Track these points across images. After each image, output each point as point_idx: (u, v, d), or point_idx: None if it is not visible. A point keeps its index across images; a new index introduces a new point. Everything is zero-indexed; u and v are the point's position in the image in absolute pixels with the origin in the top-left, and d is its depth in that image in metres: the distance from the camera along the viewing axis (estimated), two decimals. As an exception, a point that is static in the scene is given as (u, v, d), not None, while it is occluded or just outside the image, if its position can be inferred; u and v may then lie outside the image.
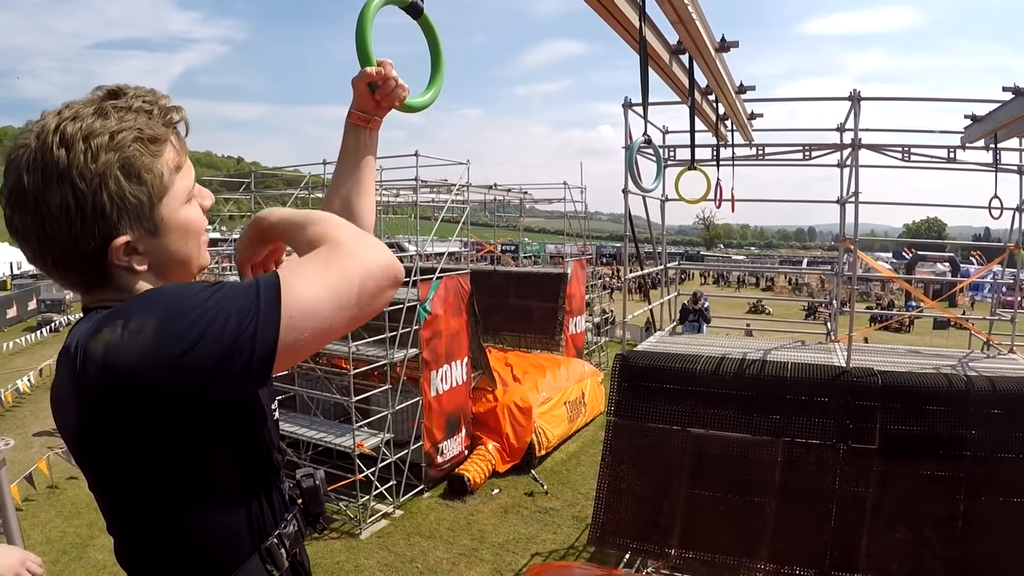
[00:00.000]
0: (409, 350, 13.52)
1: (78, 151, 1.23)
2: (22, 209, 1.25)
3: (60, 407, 1.30)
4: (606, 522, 8.70)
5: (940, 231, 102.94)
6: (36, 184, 1.22)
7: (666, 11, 4.37)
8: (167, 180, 1.36)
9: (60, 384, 1.27)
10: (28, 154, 1.24)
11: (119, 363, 1.14)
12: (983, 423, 7.61)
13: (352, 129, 1.82)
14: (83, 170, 1.23)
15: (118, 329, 1.16)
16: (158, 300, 1.21)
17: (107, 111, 1.29)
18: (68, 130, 1.25)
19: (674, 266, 13.76)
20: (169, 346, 1.14)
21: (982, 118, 9.52)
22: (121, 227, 1.29)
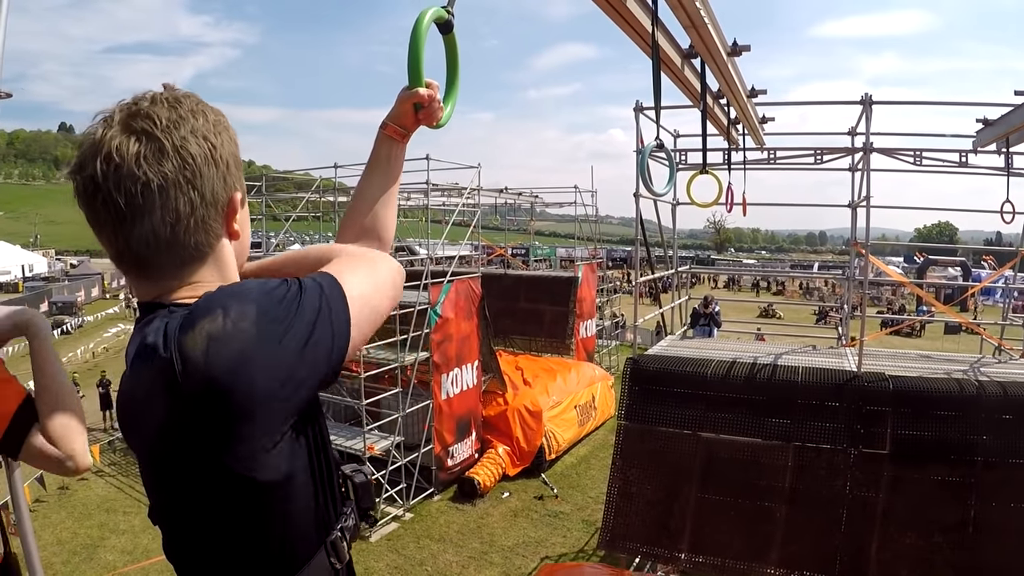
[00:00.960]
0: (420, 353, 13.54)
1: (202, 113, 1.32)
2: (157, 160, 1.23)
3: (139, 407, 1.27)
4: (616, 526, 8.70)
5: (951, 235, 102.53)
6: (174, 138, 1.24)
7: (678, 15, 4.37)
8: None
9: (142, 384, 1.24)
10: (152, 119, 1.25)
11: (225, 354, 1.13)
12: (994, 428, 7.58)
13: (386, 141, 1.83)
14: (209, 129, 1.30)
15: (219, 319, 1.15)
16: (247, 291, 1.22)
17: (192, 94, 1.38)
18: (183, 101, 1.31)
19: (685, 270, 13.75)
20: (281, 337, 1.17)
21: (994, 122, 9.49)
22: (237, 183, 1.36)
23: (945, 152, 10.45)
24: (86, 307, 40.81)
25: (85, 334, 32.32)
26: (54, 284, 45.31)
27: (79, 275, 53.98)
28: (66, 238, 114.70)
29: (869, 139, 9.10)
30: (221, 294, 1.20)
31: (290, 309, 1.19)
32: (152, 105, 1.27)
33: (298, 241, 59.85)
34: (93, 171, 1.23)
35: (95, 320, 35.67)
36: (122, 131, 1.23)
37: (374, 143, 1.84)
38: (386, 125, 1.82)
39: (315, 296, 1.23)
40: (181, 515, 1.33)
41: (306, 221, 27.29)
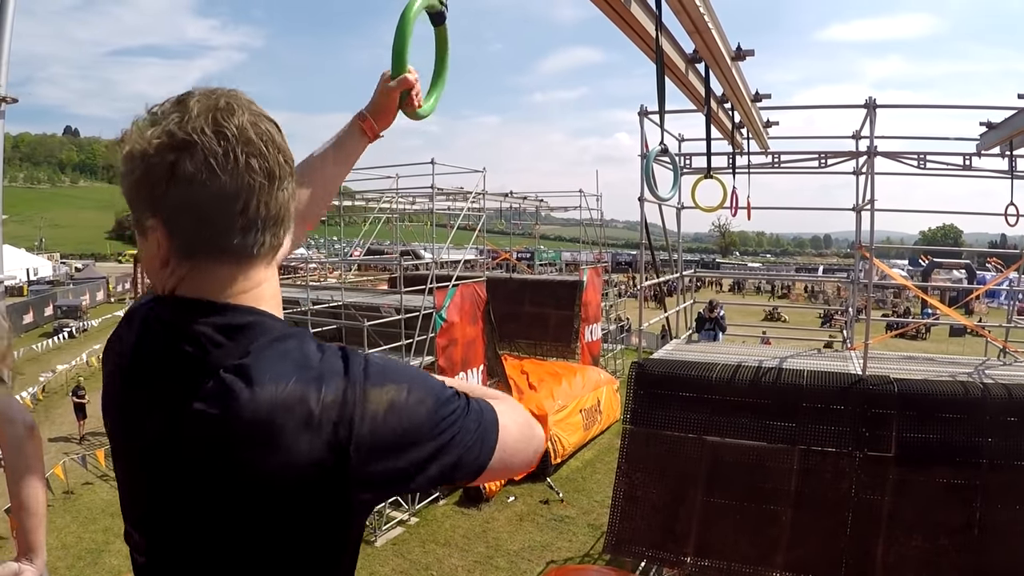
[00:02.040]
0: (425, 357, 13.55)
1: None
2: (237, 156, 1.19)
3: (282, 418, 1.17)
4: (622, 530, 8.71)
5: (956, 238, 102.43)
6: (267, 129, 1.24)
7: (682, 21, 4.40)
8: None
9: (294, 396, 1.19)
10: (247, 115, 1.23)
11: (397, 424, 1.21)
12: (1000, 431, 7.58)
13: (358, 137, 1.85)
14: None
15: (404, 392, 1.23)
16: (419, 375, 1.30)
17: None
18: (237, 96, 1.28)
19: (690, 274, 13.76)
20: (432, 432, 1.24)
21: (998, 125, 9.50)
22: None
23: (949, 155, 10.45)
24: (91, 311, 40.70)
25: (90, 338, 32.33)
26: (59, 288, 45.23)
27: (84, 279, 53.92)
28: (71, 242, 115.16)
29: (873, 143, 9.12)
30: (388, 366, 1.29)
31: (456, 420, 1.28)
32: (232, 97, 1.27)
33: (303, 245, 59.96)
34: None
35: (100, 324, 35.70)
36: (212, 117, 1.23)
37: (346, 131, 1.85)
38: (364, 119, 1.83)
39: (471, 424, 1.30)
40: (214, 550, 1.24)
41: (311, 225, 27.26)
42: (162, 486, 1.23)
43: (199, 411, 1.16)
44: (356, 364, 1.24)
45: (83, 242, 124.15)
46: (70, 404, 18.59)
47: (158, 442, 1.21)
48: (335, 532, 1.26)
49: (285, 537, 1.20)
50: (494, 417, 1.35)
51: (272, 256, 1.31)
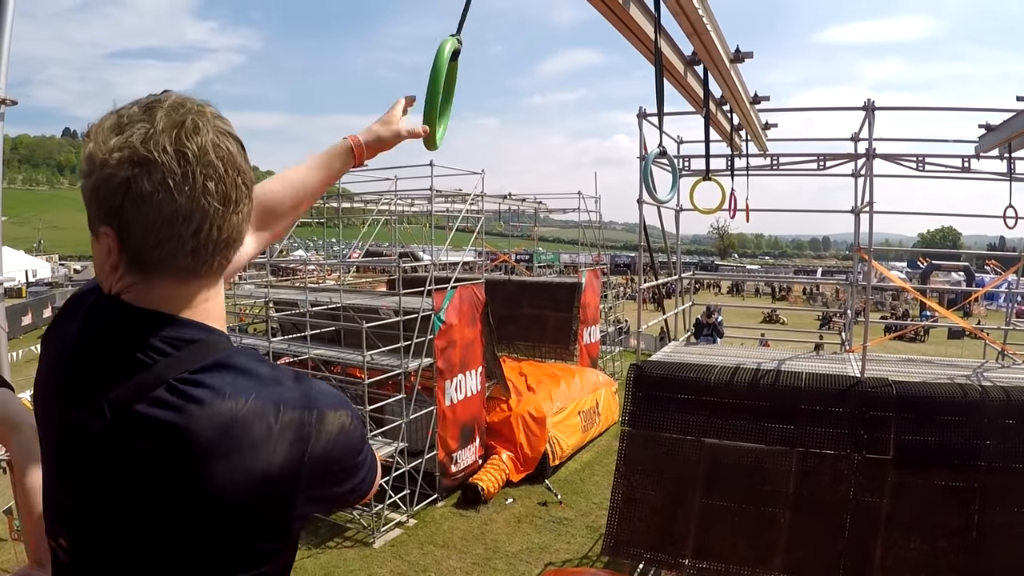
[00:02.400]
0: (423, 359, 13.56)
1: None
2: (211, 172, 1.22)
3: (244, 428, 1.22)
4: (620, 532, 8.71)
5: (955, 240, 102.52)
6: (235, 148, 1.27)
7: (681, 23, 4.40)
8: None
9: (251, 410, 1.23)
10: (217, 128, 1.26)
11: (345, 446, 1.35)
12: (998, 433, 7.59)
13: (347, 159, 1.91)
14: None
15: (350, 417, 1.36)
16: (348, 401, 1.41)
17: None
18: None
19: (688, 276, 13.77)
20: (363, 453, 1.42)
21: (996, 127, 9.52)
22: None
23: (948, 157, 10.46)
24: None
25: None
26: (58, 290, 45.26)
27: (83, 280, 53.84)
28: (69, 243, 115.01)
29: (872, 145, 9.12)
30: (327, 393, 1.36)
31: (368, 446, 1.47)
32: (203, 109, 1.29)
33: (301, 247, 59.95)
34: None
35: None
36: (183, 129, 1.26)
37: (337, 151, 1.91)
38: (359, 146, 1.90)
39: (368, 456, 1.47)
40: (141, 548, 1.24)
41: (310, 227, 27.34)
42: (98, 486, 1.23)
43: (152, 417, 1.18)
44: (309, 387, 1.30)
45: (82, 244, 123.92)
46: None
47: (96, 439, 1.21)
48: (274, 546, 1.28)
49: (225, 549, 1.23)
50: (375, 465, 1.53)
51: (220, 274, 1.34)
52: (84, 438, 1.22)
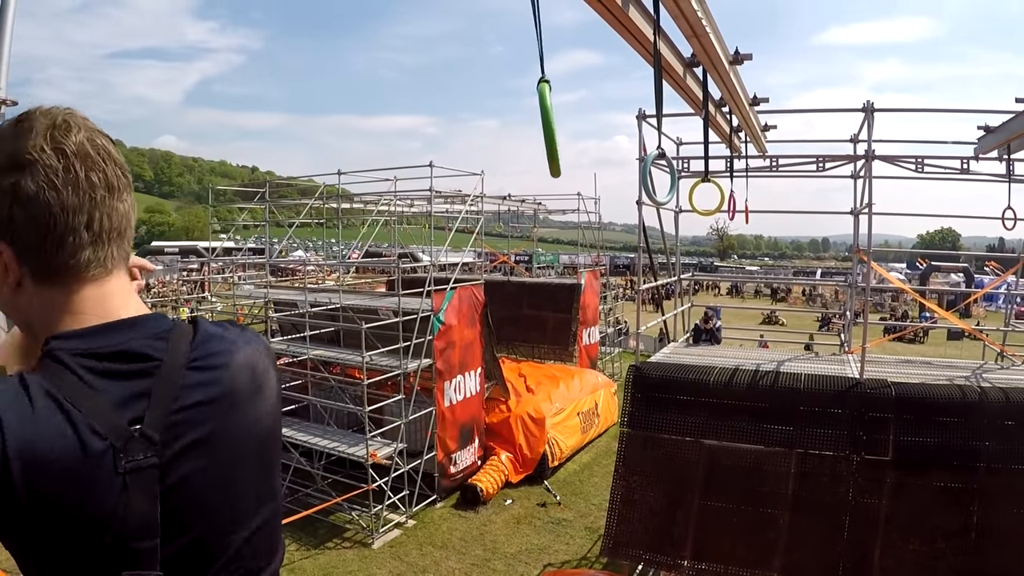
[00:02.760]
0: (423, 360, 13.57)
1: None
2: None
3: (278, 406, 1.47)
4: (619, 533, 8.71)
5: (954, 241, 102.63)
6: (102, 146, 1.29)
7: (680, 25, 4.41)
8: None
9: (275, 384, 1.46)
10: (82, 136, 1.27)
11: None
12: (996, 434, 7.60)
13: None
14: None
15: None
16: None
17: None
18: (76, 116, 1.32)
19: (687, 277, 13.78)
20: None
21: (995, 129, 9.53)
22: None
23: (947, 159, 10.48)
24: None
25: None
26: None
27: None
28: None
29: (871, 146, 9.13)
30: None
31: None
32: (70, 117, 1.30)
33: (300, 247, 59.95)
34: None
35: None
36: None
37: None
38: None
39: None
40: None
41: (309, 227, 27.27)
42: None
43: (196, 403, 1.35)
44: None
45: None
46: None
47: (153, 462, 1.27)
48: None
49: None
50: None
51: (124, 266, 1.37)
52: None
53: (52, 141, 1.21)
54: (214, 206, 20.31)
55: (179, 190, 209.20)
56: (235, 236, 24.59)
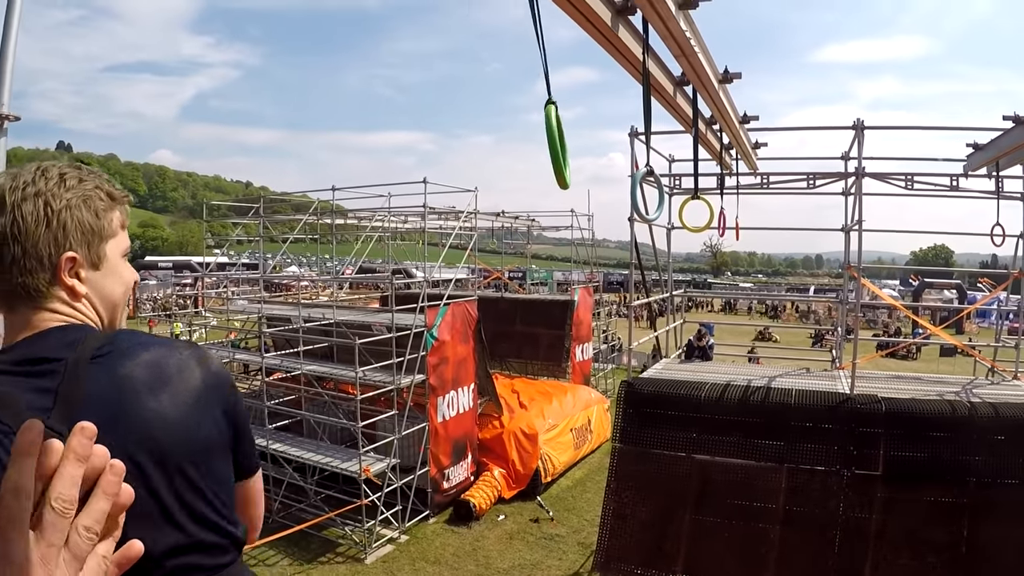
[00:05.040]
0: (416, 376, 13.58)
1: (54, 181, 1.52)
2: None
3: (197, 404, 1.53)
4: (611, 548, 8.73)
5: (947, 258, 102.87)
6: (15, 198, 1.47)
7: (669, 45, 4.46)
8: (115, 228, 1.64)
9: (195, 383, 1.54)
10: (13, 181, 1.49)
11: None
12: (987, 449, 7.64)
13: None
14: (56, 193, 1.51)
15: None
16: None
17: (79, 167, 1.62)
18: (49, 170, 1.55)
19: (680, 294, 13.84)
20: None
21: (984, 146, 9.60)
22: (73, 245, 1.53)
23: (937, 176, 10.56)
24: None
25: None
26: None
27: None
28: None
29: (861, 164, 9.21)
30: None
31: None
32: (25, 170, 1.54)
33: (295, 263, 59.92)
34: None
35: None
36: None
37: None
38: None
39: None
40: (207, 506, 1.55)
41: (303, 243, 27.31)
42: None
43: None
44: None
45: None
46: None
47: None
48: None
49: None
50: None
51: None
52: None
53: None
54: (208, 221, 20.35)
55: (173, 205, 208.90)
56: (229, 251, 24.58)
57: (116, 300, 1.66)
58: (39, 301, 1.50)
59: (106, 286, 1.62)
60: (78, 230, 1.52)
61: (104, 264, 1.60)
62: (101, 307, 1.62)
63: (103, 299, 1.62)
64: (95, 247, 1.57)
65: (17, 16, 4.27)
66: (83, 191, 1.55)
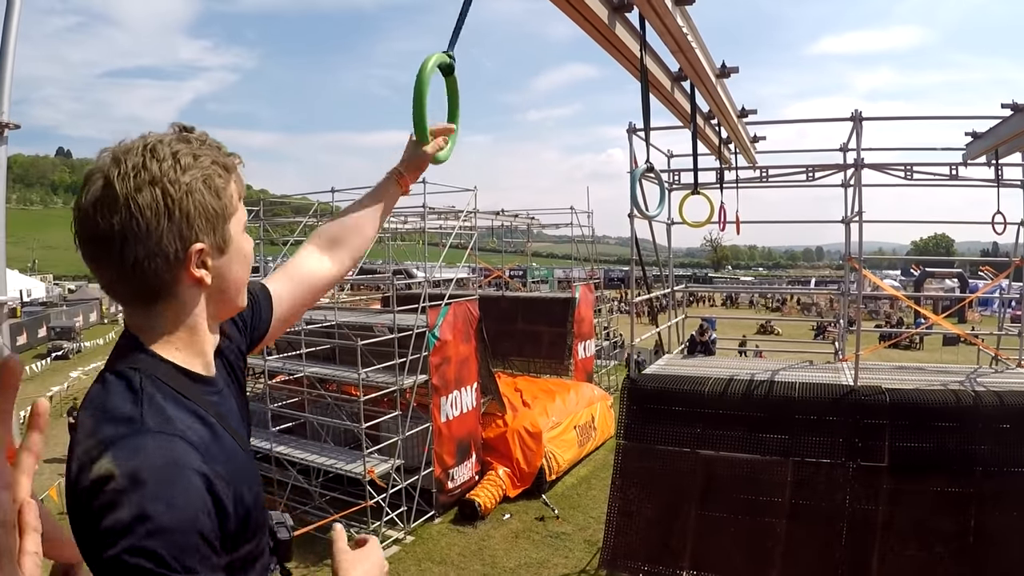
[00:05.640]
0: (418, 376, 13.57)
1: (168, 163, 1.34)
2: (109, 211, 1.30)
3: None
4: (617, 545, 8.72)
5: (948, 247, 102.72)
6: (128, 188, 1.30)
7: (666, 41, 4.45)
8: (236, 203, 1.48)
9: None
10: (119, 165, 1.32)
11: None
12: (992, 438, 7.63)
13: (395, 188, 2.10)
14: (173, 178, 1.34)
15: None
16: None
17: (187, 139, 1.42)
18: (157, 148, 1.35)
19: (681, 289, 13.82)
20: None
21: (983, 135, 9.58)
22: (200, 235, 1.38)
23: (936, 165, 10.54)
24: (84, 332, 40.62)
25: (83, 359, 32.32)
26: (52, 309, 45.21)
27: (77, 300, 54.02)
28: (64, 263, 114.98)
29: (860, 155, 9.20)
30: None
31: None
32: (130, 149, 1.35)
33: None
34: (77, 205, 1.34)
35: (93, 346, 35.70)
36: (99, 172, 1.33)
37: (384, 186, 2.08)
38: (401, 176, 2.08)
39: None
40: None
41: (304, 246, 27.11)
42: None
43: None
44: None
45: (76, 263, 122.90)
46: (64, 425, 18.52)
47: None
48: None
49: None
50: None
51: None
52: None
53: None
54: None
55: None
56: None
57: (242, 281, 1.55)
58: (167, 299, 1.40)
59: (232, 269, 1.51)
60: (202, 216, 1.38)
61: (230, 246, 1.48)
62: (230, 290, 1.52)
63: (233, 283, 1.51)
64: (220, 230, 1.44)
65: (16, 23, 4.26)
66: (201, 170, 1.39)
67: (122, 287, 1.37)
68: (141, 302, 1.40)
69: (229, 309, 1.56)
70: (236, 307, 1.58)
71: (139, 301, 1.40)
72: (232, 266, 1.49)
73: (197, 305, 1.45)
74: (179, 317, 1.43)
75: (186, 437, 1.25)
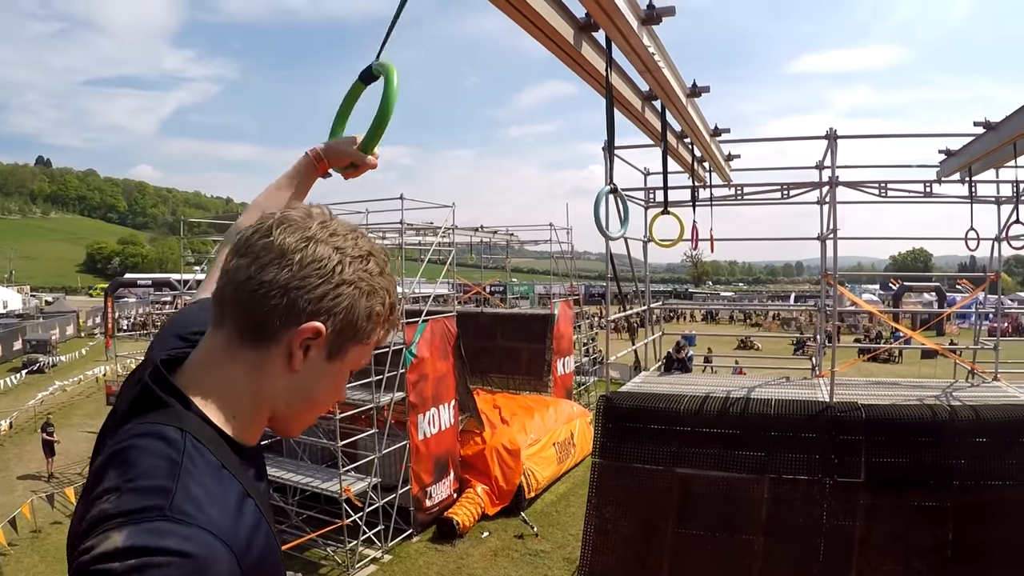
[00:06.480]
0: (396, 393, 13.52)
1: (354, 254, 1.30)
2: (298, 241, 1.26)
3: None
4: (594, 564, 8.68)
5: (926, 261, 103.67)
6: (308, 243, 1.26)
7: (633, 61, 4.44)
8: (372, 339, 1.37)
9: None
10: (307, 230, 1.28)
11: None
12: (968, 452, 7.66)
13: (312, 173, 1.99)
14: (347, 263, 1.29)
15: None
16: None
17: (384, 261, 1.40)
18: (353, 238, 1.33)
19: (658, 306, 13.83)
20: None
21: (956, 152, 9.65)
22: (330, 321, 1.28)
23: (910, 183, 10.61)
24: (61, 346, 40.16)
25: (59, 373, 32.08)
26: (28, 322, 44.92)
27: (54, 312, 53.73)
28: (41, 274, 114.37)
29: (835, 173, 9.24)
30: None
31: None
32: (340, 226, 1.34)
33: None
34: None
35: (70, 360, 35.43)
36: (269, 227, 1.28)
37: (299, 171, 2.00)
38: (320, 160, 1.98)
39: None
40: None
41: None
42: None
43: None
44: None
45: (53, 274, 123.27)
46: (38, 441, 18.36)
47: None
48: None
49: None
50: None
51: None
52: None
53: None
54: (187, 238, 20.25)
55: (153, 221, 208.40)
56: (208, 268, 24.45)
57: (312, 413, 1.43)
58: (259, 345, 1.26)
59: (320, 387, 1.37)
60: (345, 311, 1.28)
61: (337, 361, 1.34)
62: (295, 398, 1.35)
63: (302, 392, 1.35)
64: (345, 339, 1.32)
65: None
66: (373, 283, 1.32)
67: (234, 294, 1.27)
68: (237, 328, 1.28)
69: (304, 417, 1.43)
70: (282, 430, 1.43)
71: (232, 337, 1.29)
72: (322, 382, 1.37)
73: (279, 381, 1.32)
74: (258, 378, 1.30)
75: (221, 535, 1.07)
